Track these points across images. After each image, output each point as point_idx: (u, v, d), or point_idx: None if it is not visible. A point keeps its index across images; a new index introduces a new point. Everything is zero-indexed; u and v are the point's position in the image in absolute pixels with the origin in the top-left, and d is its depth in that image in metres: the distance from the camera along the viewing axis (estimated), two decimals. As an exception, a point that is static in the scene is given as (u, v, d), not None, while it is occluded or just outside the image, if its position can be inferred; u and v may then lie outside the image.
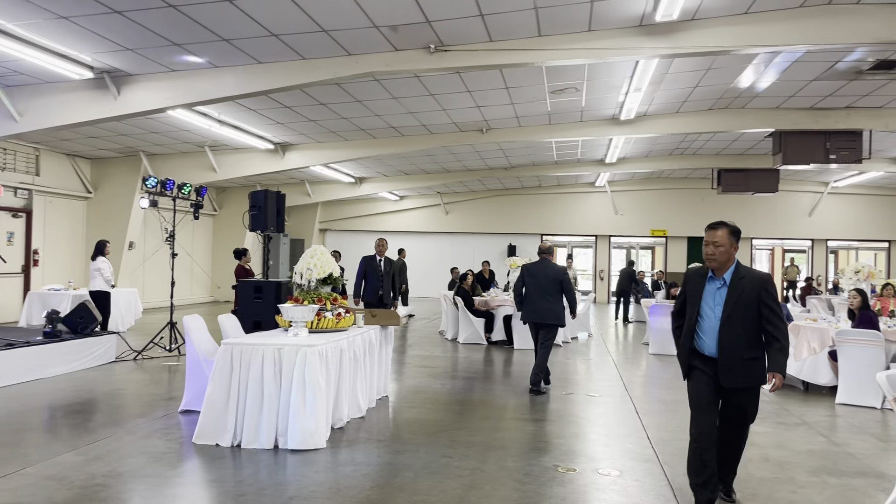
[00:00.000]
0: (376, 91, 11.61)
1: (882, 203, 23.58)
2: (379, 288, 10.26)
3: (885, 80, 11.39)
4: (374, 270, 10.30)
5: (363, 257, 10.47)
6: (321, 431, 5.62)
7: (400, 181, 22.01)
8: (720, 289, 4.28)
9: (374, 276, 10.27)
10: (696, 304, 4.33)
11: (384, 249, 10.53)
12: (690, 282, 4.48)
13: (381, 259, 10.43)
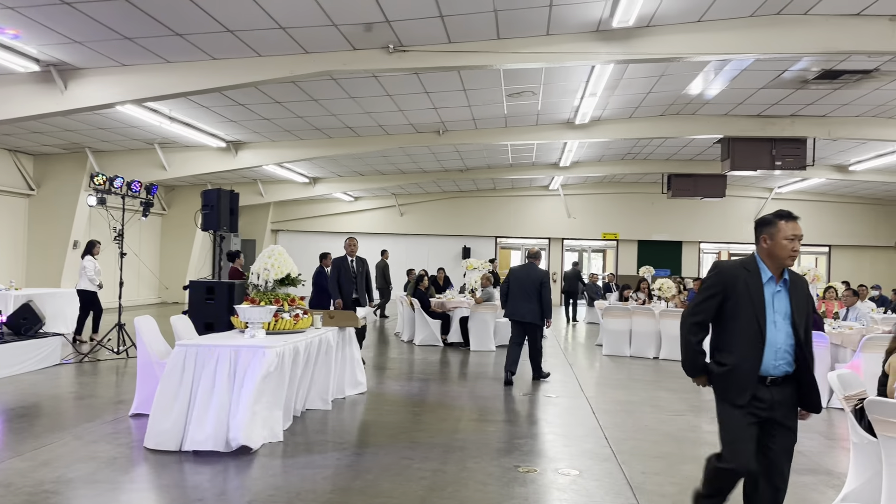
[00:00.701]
0: (333, 90, 11.51)
1: (823, 209, 24.41)
2: (352, 290, 9.83)
3: (828, 90, 11.79)
4: (347, 272, 9.86)
5: (334, 259, 10.07)
6: (278, 434, 5.52)
7: (355, 182, 21.86)
8: (779, 293, 3.49)
9: (346, 279, 9.82)
10: (755, 311, 3.42)
11: (355, 249, 10.10)
12: (737, 281, 3.49)
13: (353, 259, 10.01)
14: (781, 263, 3.48)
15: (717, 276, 3.55)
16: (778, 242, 3.46)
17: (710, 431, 6.65)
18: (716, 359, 3.53)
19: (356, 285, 9.82)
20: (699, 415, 7.42)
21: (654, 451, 5.79)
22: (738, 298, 3.44)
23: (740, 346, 3.42)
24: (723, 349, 3.49)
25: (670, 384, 9.24)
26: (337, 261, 9.94)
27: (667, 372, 10.30)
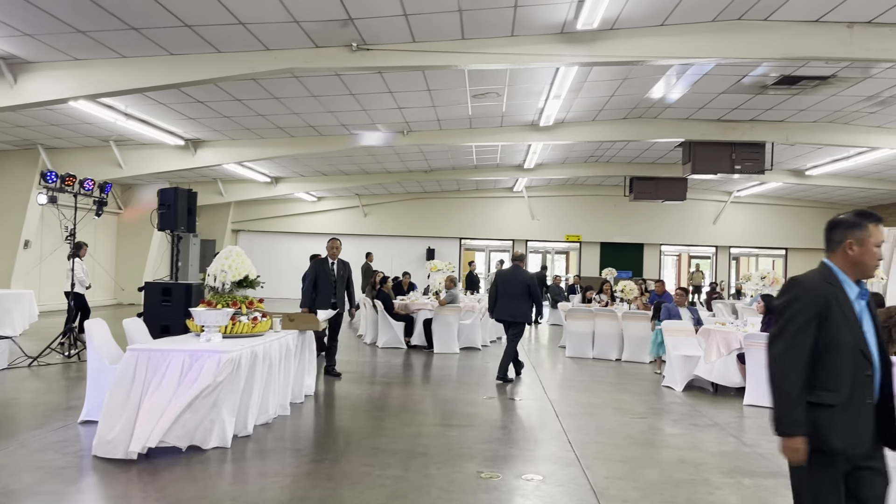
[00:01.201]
0: (295, 88, 11.31)
1: (780, 212, 24.90)
2: (331, 295, 8.99)
3: (787, 95, 11.98)
4: (326, 275, 9.05)
5: (313, 261, 9.36)
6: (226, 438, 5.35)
7: (317, 182, 21.61)
8: (864, 309, 2.93)
9: (325, 283, 9.02)
10: (854, 335, 2.83)
11: (337, 251, 9.27)
12: (829, 298, 2.85)
13: (334, 263, 9.18)
14: (867, 274, 2.92)
15: (806, 295, 2.85)
16: (868, 250, 2.87)
17: (671, 434, 6.67)
18: (812, 399, 2.81)
19: (335, 290, 9.06)
20: (661, 417, 7.44)
21: (618, 455, 5.76)
22: (835, 320, 2.81)
23: (846, 381, 2.78)
24: (822, 387, 2.79)
25: (632, 386, 9.27)
26: (316, 263, 9.28)
27: (629, 374, 10.35)
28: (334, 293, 9.04)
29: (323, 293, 9.00)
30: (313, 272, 9.13)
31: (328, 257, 9.24)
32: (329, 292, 9.01)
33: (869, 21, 8.28)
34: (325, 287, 9.02)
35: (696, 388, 9.09)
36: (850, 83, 11.04)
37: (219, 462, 5.18)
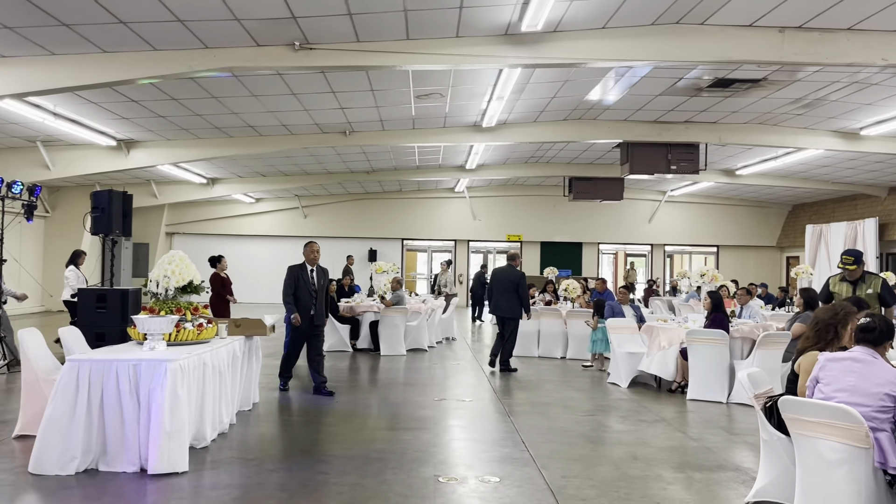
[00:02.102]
0: (234, 87, 11.04)
1: (711, 211, 25.70)
2: (311, 306, 8.10)
3: (720, 98, 12.35)
4: (305, 284, 8.11)
5: (289, 268, 8.26)
6: (183, 453, 5.17)
7: (256, 183, 21.18)
8: None
9: (305, 293, 8.09)
10: None
11: (317, 257, 8.27)
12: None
13: (313, 270, 8.24)
14: None
15: None
16: None
17: (620, 431, 6.78)
18: None
19: (315, 300, 8.16)
20: (609, 414, 7.56)
21: (571, 454, 5.82)
22: None
23: None
24: None
25: (579, 384, 9.40)
26: (294, 269, 8.21)
27: (574, 372, 10.49)
28: (314, 304, 8.15)
29: (302, 305, 8.08)
30: (292, 281, 8.13)
31: (306, 264, 8.25)
32: (309, 303, 8.11)
33: (799, 26, 8.60)
34: (305, 298, 8.10)
35: (641, 384, 9.28)
36: (780, 86, 11.45)
37: (167, 476, 4.99)
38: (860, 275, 7.02)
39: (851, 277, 7.05)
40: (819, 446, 3.79)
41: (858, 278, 7.01)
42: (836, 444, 3.70)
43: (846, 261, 7.02)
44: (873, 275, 7.11)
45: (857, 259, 7.02)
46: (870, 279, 7.01)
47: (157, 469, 4.99)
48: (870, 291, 6.84)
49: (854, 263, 6.98)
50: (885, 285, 6.96)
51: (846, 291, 7.00)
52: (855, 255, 7.04)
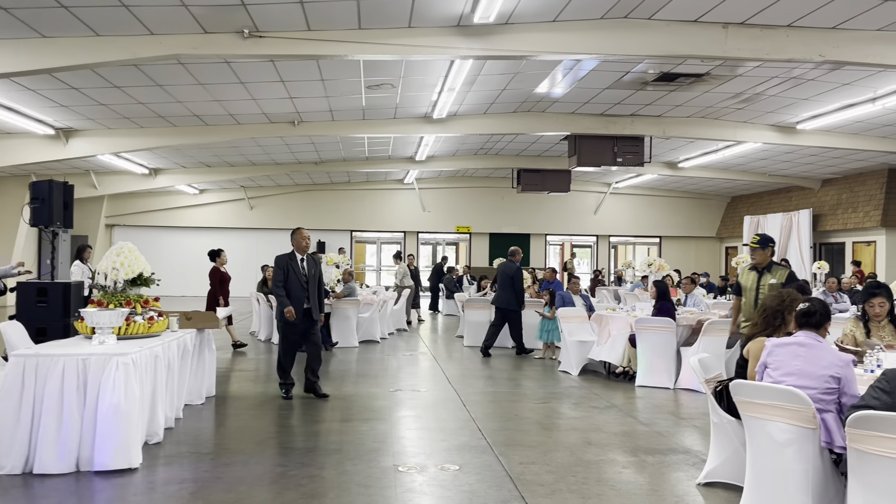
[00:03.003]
0: (179, 75, 10.76)
1: (654, 203, 26.30)
2: (304, 299, 7.45)
3: (665, 92, 12.63)
4: (296, 275, 7.46)
5: (277, 259, 7.62)
6: (136, 448, 5.05)
7: (201, 174, 20.69)
8: None
9: (296, 284, 7.44)
10: None
11: (307, 245, 7.66)
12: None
13: (304, 259, 7.61)
14: None
15: None
16: None
17: (574, 417, 6.92)
18: None
19: (307, 292, 7.49)
20: (562, 401, 7.70)
21: (528, 441, 5.91)
22: None
23: None
24: None
25: (531, 373, 9.53)
26: (283, 259, 7.56)
27: (526, 361, 10.62)
28: (307, 297, 7.49)
29: (294, 299, 7.41)
30: (281, 273, 7.47)
31: (295, 252, 7.61)
32: (301, 296, 7.44)
33: (742, 22, 8.85)
34: (297, 291, 7.44)
35: (591, 371, 9.47)
36: (722, 81, 11.78)
37: (120, 472, 4.87)
38: (767, 263, 6.71)
39: (758, 263, 6.72)
40: (768, 428, 3.94)
41: (765, 267, 6.69)
42: (785, 425, 3.86)
43: (753, 241, 6.79)
44: (780, 265, 6.81)
45: (764, 242, 6.72)
46: (776, 270, 6.69)
47: (109, 466, 4.86)
48: (773, 281, 6.53)
49: (759, 244, 6.70)
50: (791, 277, 6.65)
51: (752, 281, 6.73)
52: (762, 237, 6.77)
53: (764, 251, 6.69)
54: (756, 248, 6.73)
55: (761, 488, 4.00)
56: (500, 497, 4.52)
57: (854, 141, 14.93)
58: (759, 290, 6.59)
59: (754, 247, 6.75)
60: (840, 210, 20.03)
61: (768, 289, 6.42)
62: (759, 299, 6.39)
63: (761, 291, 6.54)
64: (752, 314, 6.15)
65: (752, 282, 6.72)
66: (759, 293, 6.57)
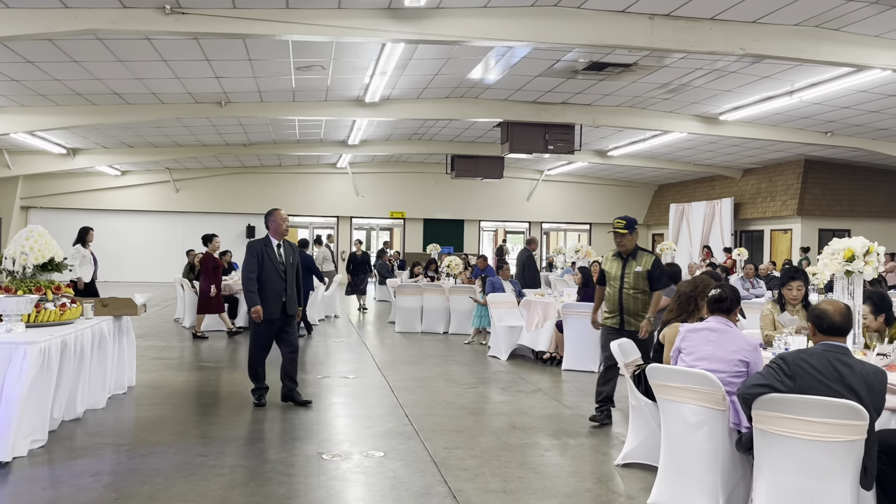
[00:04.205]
0: (98, 51, 10.29)
1: (585, 190, 26.78)
2: (282, 291, 6.46)
3: (594, 81, 12.83)
4: (272, 263, 6.47)
5: (249, 245, 6.69)
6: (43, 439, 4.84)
7: (123, 154, 19.90)
8: None
9: (273, 274, 6.43)
10: None
11: (285, 229, 6.70)
12: None
13: (280, 245, 6.63)
14: None
15: None
16: None
17: (501, 402, 7.00)
18: None
19: (285, 283, 6.51)
20: (489, 386, 7.79)
21: (454, 426, 5.95)
22: None
23: None
24: None
25: (461, 358, 9.59)
26: (255, 247, 6.55)
27: (456, 346, 10.69)
28: (284, 289, 6.50)
29: (271, 290, 6.41)
30: (254, 261, 6.43)
31: (270, 237, 6.63)
32: (278, 287, 6.45)
33: (668, 14, 9.04)
34: (274, 281, 6.43)
35: (520, 356, 9.60)
36: (648, 71, 12.03)
37: (24, 466, 4.67)
38: (632, 248, 6.10)
39: (623, 249, 6.11)
40: (682, 410, 4.07)
41: (630, 254, 6.09)
42: (697, 407, 4.00)
43: (617, 224, 6.10)
44: (646, 251, 6.21)
45: (630, 225, 6.09)
46: (641, 256, 6.11)
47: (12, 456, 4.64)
48: (639, 269, 6.01)
49: (626, 228, 6.05)
50: (657, 263, 6.11)
51: (617, 269, 6.14)
52: (628, 220, 6.13)
53: (631, 235, 6.09)
54: (623, 233, 6.07)
55: (674, 468, 4.13)
56: (423, 482, 4.54)
57: (773, 132, 15.52)
58: (625, 278, 6.07)
59: (621, 231, 6.08)
60: (759, 199, 20.84)
61: (633, 277, 6.02)
62: (625, 289, 6.04)
63: (626, 280, 6.05)
64: (616, 305, 6.07)
65: (616, 270, 6.16)
66: (624, 282, 6.07)
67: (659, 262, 6.17)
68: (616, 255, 6.25)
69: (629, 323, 6.04)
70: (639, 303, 6.03)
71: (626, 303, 6.07)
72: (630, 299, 6.05)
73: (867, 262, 4.68)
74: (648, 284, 6.03)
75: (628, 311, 6.06)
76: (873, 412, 3.40)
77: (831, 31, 9.14)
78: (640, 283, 6.02)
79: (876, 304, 4.88)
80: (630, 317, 6.05)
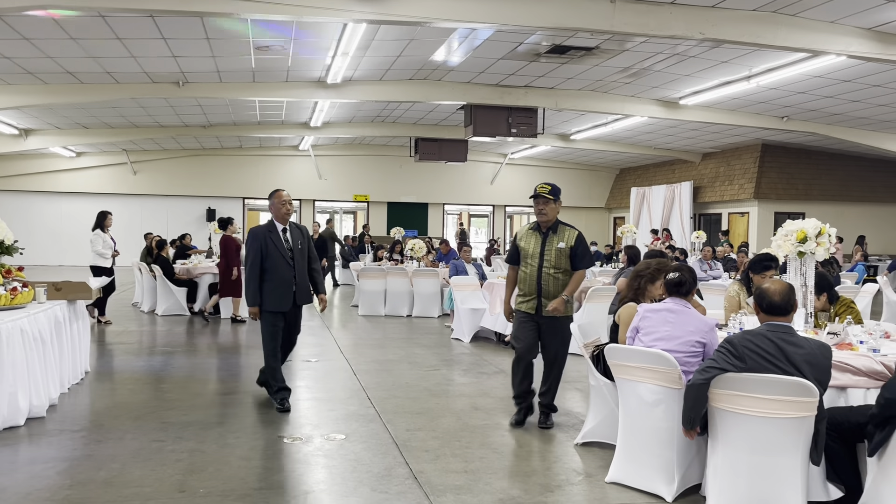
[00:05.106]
0: (48, 28, 9.96)
1: (548, 174, 26.84)
2: (291, 280, 5.84)
3: (557, 64, 12.85)
4: (278, 251, 5.82)
5: (251, 232, 5.98)
6: None
7: (77, 135, 19.37)
8: None
9: (280, 262, 5.81)
10: None
11: (289, 210, 6.02)
12: None
13: (286, 229, 5.97)
14: None
15: None
16: None
17: (463, 383, 7.04)
18: None
19: (294, 270, 5.88)
20: (452, 368, 7.82)
21: (416, 408, 5.97)
22: None
23: None
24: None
25: (424, 341, 9.61)
26: (258, 234, 5.89)
27: (420, 329, 10.70)
28: (294, 277, 5.88)
29: (278, 280, 5.80)
30: (257, 251, 5.80)
31: (274, 221, 5.97)
32: (287, 276, 5.82)
33: (629, -2, 9.09)
34: (281, 270, 5.81)
35: (482, 338, 9.65)
36: (610, 55, 12.10)
37: (-23, 454, 4.56)
38: (553, 221, 5.32)
39: (543, 220, 5.31)
40: (639, 389, 4.14)
41: (550, 227, 5.32)
42: (654, 386, 4.07)
43: (541, 189, 5.30)
44: (568, 226, 5.40)
45: (556, 191, 5.32)
46: (563, 231, 5.34)
47: (-35, 448, 4.53)
48: (561, 245, 5.25)
49: (551, 193, 5.27)
50: (580, 240, 5.34)
51: (535, 246, 5.34)
52: (553, 186, 5.34)
53: (555, 204, 5.31)
54: (548, 199, 5.26)
55: (631, 446, 4.20)
56: (384, 464, 4.55)
57: (731, 117, 15.77)
58: (545, 255, 5.27)
59: (546, 197, 5.25)
60: (718, 182, 21.19)
61: (555, 255, 5.25)
62: (545, 268, 5.25)
63: (546, 259, 5.26)
64: (533, 287, 5.28)
65: (535, 246, 5.34)
66: (543, 260, 5.27)
67: (583, 238, 5.40)
68: (534, 229, 5.40)
69: (547, 308, 5.28)
70: (559, 284, 5.27)
71: (545, 284, 5.26)
72: (550, 280, 5.26)
73: (819, 243, 4.80)
74: (571, 263, 5.31)
75: (547, 293, 5.26)
76: (819, 387, 3.50)
77: (788, 16, 9.28)
78: (562, 261, 5.27)
79: (817, 284, 5.00)
80: (549, 300, 5.26)
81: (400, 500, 3.97)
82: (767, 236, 18.05)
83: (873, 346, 4.24)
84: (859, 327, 4.81)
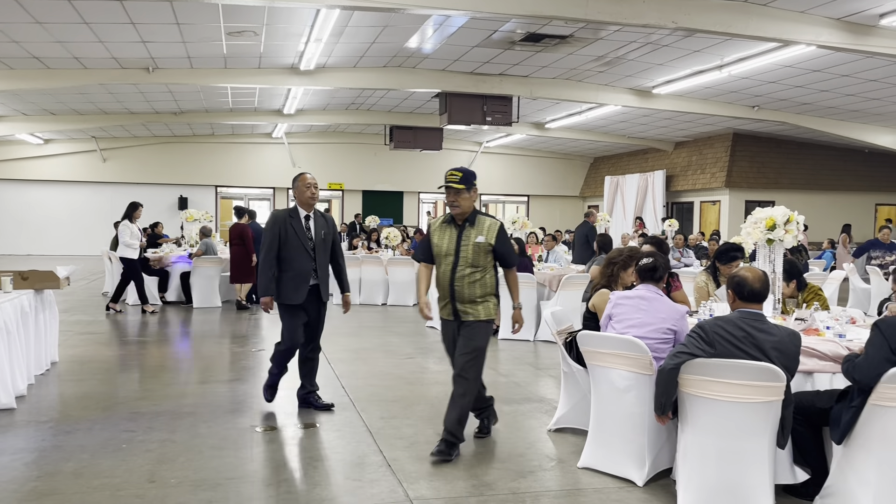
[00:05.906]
0: (13, 11, 9.72)
1: (523, 162, 26.97)
2: (310, 272, 5.31)
3: (531, 52, 12.84)
4: (298, 240, 5.30)
5: (272, 215, 5.49)
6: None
7: (44, 122, 18.97)
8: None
9: (300, 252, 5.29)
10: None
11: (314, 196, 5.45)
12: None
13: (310, 217, 5.43)
14: None
15: None
16: None
17: (437, 371, 7.05)
18: None
19: (315, 262, 5.35)
20: (427, 356, 7.82)
21: (390, 396, 5.97)
22: None
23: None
24: None
25: (399, 329, 9.60)
26: (279, 217, 5.39)
27: (395, 317, 10.69)
28: (314, 270, 5.36)
29: (296, 270, 5.29)
30: (275, 237, 5.29)
31: (298, 207, 5.45)
32: (307, 268, 5.30)
33: (603, -14, 9.10)
34: (301, 260, 5.29)
35: (457, 326, 9.65)
36: (584, 43, 12.12)
37: (-59, 446, 4.47)
38: (469, 212, 4.52)
39: (457, 212, 4.51)
40: (611, 375, 4.18)
41: (467, 219, 4.52)
42: (625, 372, 4.11)
43: (451, 177, 4.48)
44: (488, 216, 4.64)
45: (468, 179, 4.50)
46: (482, 222, 4.53)
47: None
48: (480, 240, 4.45)
49: (462, 182, 4.45)
50: (502, 232, 4.55)
51: (448, 242, 4.52)
52: (465, 172, 4.53)
53: (469, 193, 4.48)
54: (459, 188, 4.44)
55: (603, 432, 4.25)
56: (358, 452, 4.55)
57: (703, 106, 15.91)
58: (461, 252, 4.47)
59: (456, 186, 4.43)
60: (690, 171, 21.39)
61: (472, 251, 4.45)
62: (460, 266, 4.45)
63: (463, 255, 4.46)
64: (446, 290, 4.51)
65: (449, 242, 4.53)
66: (459, 258, 4.46)
67: (504, 229, 4.59)
68: (448, 222, 4.59)
69: (465, 313, 4.49)
70: (476, 286, 4.46)
71: (458, 286, 4.46)
72: (465, 281, 4.45)
73: (787, 230, 4.87)
74: (494, 261, 4.57)
75: (461, 297, 4.47)
76: (787, 373, 3.56)
77: (759, 6, 9.37)
78: (481, 258, 4.47)
79: (786, 271, 5.08)
80: (465, 305, 4.48)
81: (373, 488, 3.98)
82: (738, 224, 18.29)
83: (839, 331, 4.33)
84: (826, 313, 4.90)
